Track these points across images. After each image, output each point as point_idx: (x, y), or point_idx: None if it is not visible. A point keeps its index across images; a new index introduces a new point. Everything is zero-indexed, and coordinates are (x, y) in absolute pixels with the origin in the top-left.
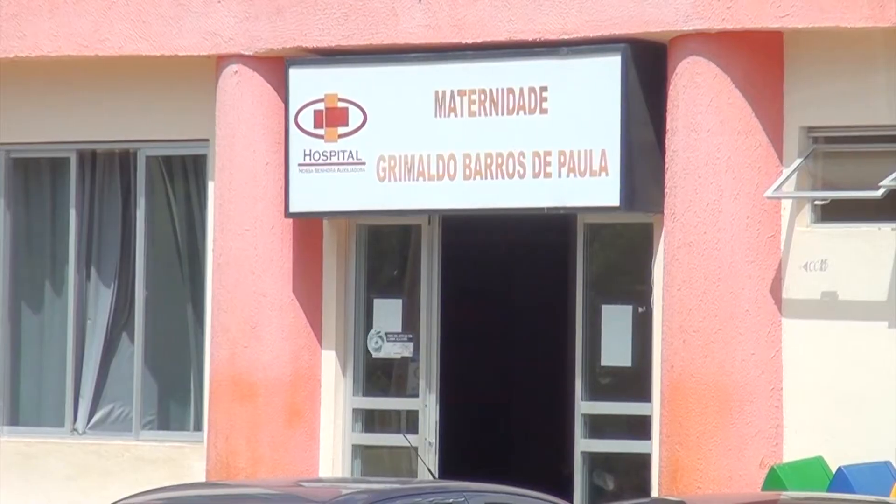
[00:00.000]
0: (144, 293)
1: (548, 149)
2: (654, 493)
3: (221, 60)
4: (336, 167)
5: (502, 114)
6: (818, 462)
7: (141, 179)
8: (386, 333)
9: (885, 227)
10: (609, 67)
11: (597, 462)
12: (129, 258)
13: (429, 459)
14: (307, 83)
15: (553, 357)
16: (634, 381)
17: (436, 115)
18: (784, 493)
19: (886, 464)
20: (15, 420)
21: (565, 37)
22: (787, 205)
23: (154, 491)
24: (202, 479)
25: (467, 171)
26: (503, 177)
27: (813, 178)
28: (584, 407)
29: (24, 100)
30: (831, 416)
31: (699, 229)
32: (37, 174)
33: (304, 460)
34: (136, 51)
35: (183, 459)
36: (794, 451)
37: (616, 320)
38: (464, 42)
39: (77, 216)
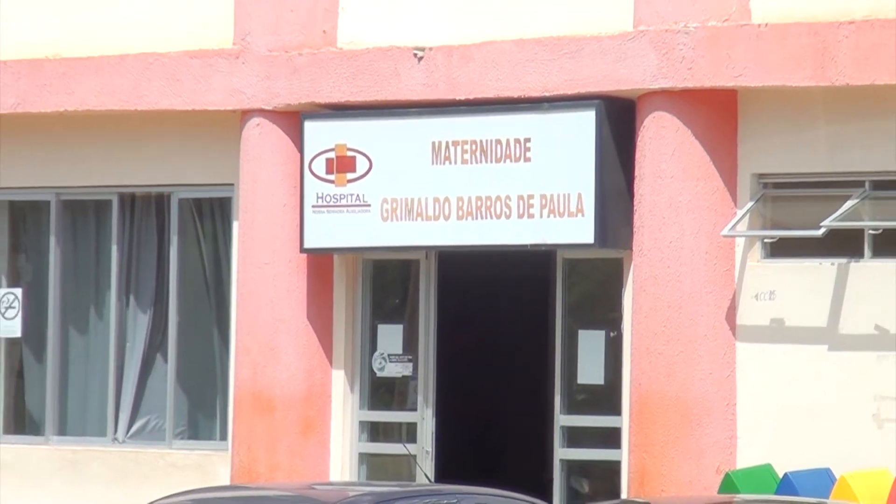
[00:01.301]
0: (177, 319)
1: (531, 192)
2: (624, 496)
3: (245, 114)
4: (345, 209)
5: (491, 162)
6: (767, 469)
7: (174, 219)
8: (388, 355)
9: (826, 263)
10: (585, 121)
11: (573, 468)
12: (163, 288)
13: (426, 466)
14: (320, 134)
15: (535, 376)
16: (607, 397)
17: (433, 163)
18: (737, 495)
19: (826, 470)
20: (63, 430)
21: (546, 94)
22: (740, 242)
23: (185, 493)
24: (227, 482)
25: (460, 213)
26: (492, 217)
27: (763, 218)
28: (562, 420)
29: (72, 148)
30: (779, 428)
31: (663, 264)
32: (83, 214)
33: (316, 466)
34: (170, 105)
35: (210, 466)
36: (746, 458)
37: (591, 343)
38: (457, 98)
39: (118, 251)
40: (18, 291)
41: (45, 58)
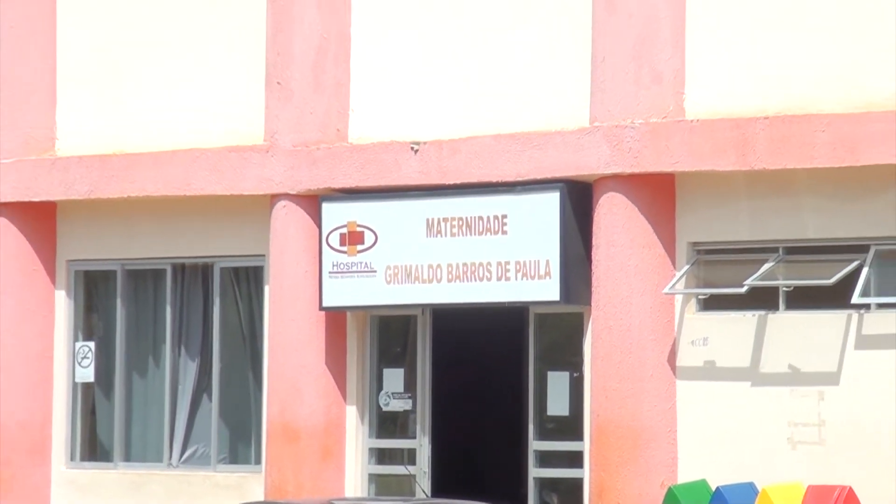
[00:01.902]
0: (219, 365)
1: (507, 259)
2: None
3: (274, 198)
4: (355, 274)
5: (474, 234)
6: (703, 483)
7: (216, 284)
8: (392, 393)
9: (748, 314)
10: (551, 201)
11: (545, 485)
12: (208, 340)
13: (424, 483)
14: (335, 214)
15: (512, 409)
16: (571, 426)
17: (427, 236)
18: None
19: (751, 484)
20: (128, 457)
21: (519, 179)
22: (678, 298)
23: None
24: (262, 499)
25: (450, 276)
26: (476, 280)
27: (697, 279)
28: (535, 445)
29: (134, 227)
30: (712, 450)
31: (616, 317)
32: (143, 281)
33: (334, 485)
34: (213, 191)
35: (247, 486)
36: (685, 475)
37: (557, 382)
38: (446, 183)
39: (171, 310)
40: (91, 344)
41: (112, 153)
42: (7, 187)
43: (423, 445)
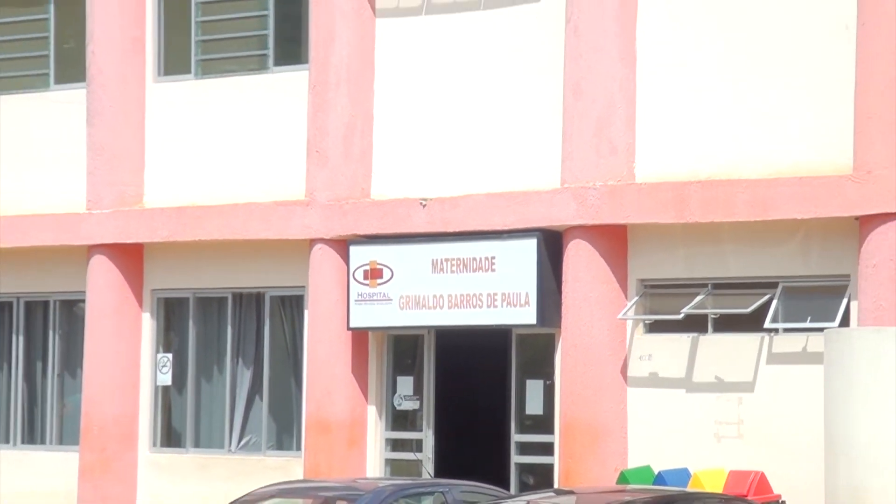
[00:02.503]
0: (269, 373)
1: (495, 291)
2: (556, 486)
3: (312, 242)
4: (376, 302)
5: (469, 272)
6: (647, 469)
7: (266, 309)
8: (404, 395)
9: (684, 336)
10: (530, 246)
11: (523, 468)
12: (260, 353)
13: (429, 467)
14: (360, 255)
15: (499, 408)
16: (544, 423)
17: (432, 272)
18: (628, 486)
19: (685, 469)
20: (197, 444)
21: (505, 228)
22: (630, 323)
23: (276, 484)
24: (301, 478)
25: (450, 304)
26: (470, 307)
27: (644, 307)
28: (515, 437)
29: (202, 263)
30: (655, 442)
31: (581, 337)
32: (210, 306)
33: (357, 468)
34: (265, 236)
35: (290, 468)
36: (633, 462)
37: (534, 388)
38: (448, 231)
39: (231, 330)
40: (169, 356)
41: (187, 206)
42: (105, 231)
43: (427, 437)
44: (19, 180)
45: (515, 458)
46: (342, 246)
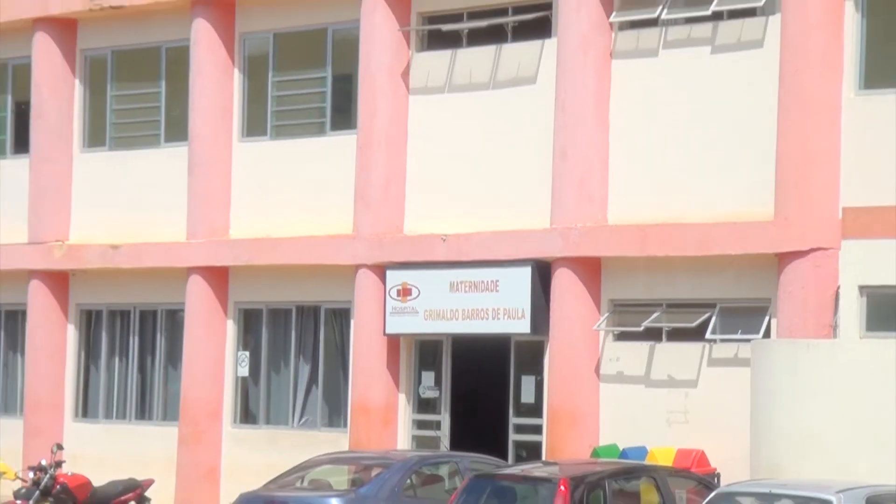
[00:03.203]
0: (323, 367)
1: (498, 307)
2: (543, 458)
3: (357, 267)
4: (406, 314)
5: (479, 292)
6: (614, 446)
7: (322, 319)
8: (427, 386)
9: (644, 344)
10: (525, 273)
11: (519, 445)
12: (316, 352)
13: (445, 442)
14: (394, 277)
15: (500, 398)
16: (535, 409)
17: (449, 292)
18: (599, 459)
19: (644, 447)
20: (268, 421)
21: (507, 259)
22: (602, 333)
23: (328, 454)
24: (346, 449)
25: (463, 316)
26: (479, 319)
27: (613, 321)
28: (513, 420)
29: (276, 284)
30: (620, 426)
31: (565, 343)
32: (279, 316)
33: (390, 443)
34: (322, 262)
35: (338, 441)
36: (604, 440)
37: (528, 382)
38: (462, 260)
39: (295, 334)
40: (247, 353)
41: (262, 237)
42: (200, 257)
43: (445, 419)
44: (136, 215)
45: (513, 437)
46: (380, 270)
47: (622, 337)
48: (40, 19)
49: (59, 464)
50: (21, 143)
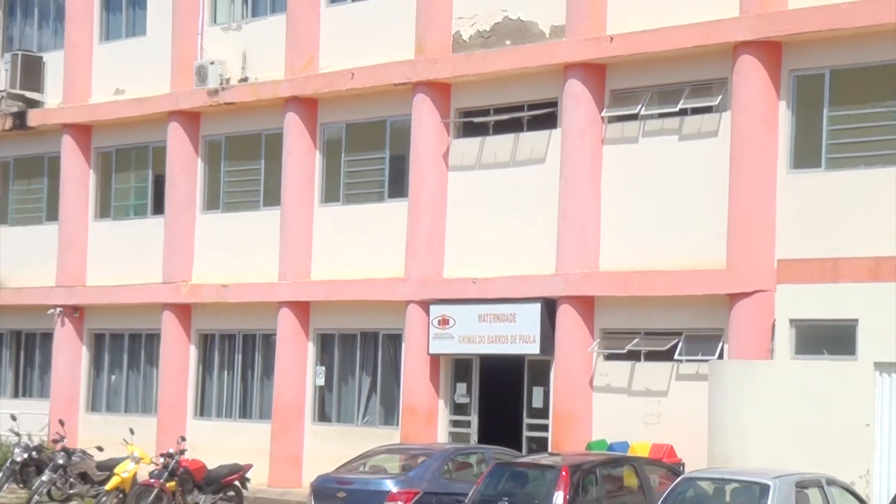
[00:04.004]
0: (380, 378)
1: (515, 334)
2: (549, 450)
3: (407, 303)
4: (445, 339)
5: (500, 322)
6: (603, 441)
7: (380, 343)
8: (460, 394)
9: (627, 363)
10: (536, 308)
11: (530, 440)
12: (376, 368)
13: (475, 437)
14: (436, 311)
15: (516, 403)
16: (543, 413)
17: (478, 322)
18: (592, 451)
19: (626, 442)
20: (339, 419)
21: (521, 297)
22: (594, 354)
23: (384, 446)
24: (398, 442)
25: (489, 341)
26: (500, 343)
27: (603, 346)
28: (526, 421)
29: (341, 313)
30: (608, 426)
31: (566, 362)
32: (349, 339)
33: (432, 437)
34: (379, 298)
35: (392, 436)
36: (595, 437)
37: (538, 392)
38: (488, 298)
39: (360, 353)
40: (323, 368)
41: (337, 279)
42: (287, 293)
43: (474, 420)
44: (241, 262)
45: (526, 434)
46: (425, 305)
47: (610, 357)
48: (173, 112)
49: (182, 452)
50: (158, 206)
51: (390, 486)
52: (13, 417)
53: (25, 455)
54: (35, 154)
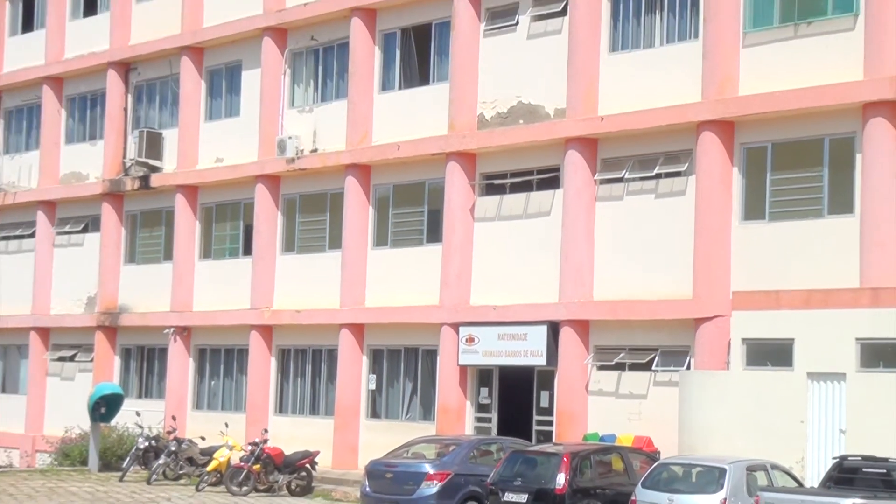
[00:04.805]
0: (420, 384)
1: (527, 350)
2: (553, 440)
3: (442, 325)
4: (471, 353)
5: (515, 340)
6: (596, 434)
7: (420, 356)
8: (483, 397)
9: (615, 373)
10: (542, 329)
11: (539, 433)
12: (416, 376)
13: (494, 431)
14: (464, 331)
15: (527, 404)
16: (549, 411)
17: (497, 340)
18: (587, 442)
19: (614, 434)
20: (387, 416)
21: (531, 320)
22: (589, 365)
23: (422, 437)
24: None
25: (506, 355)
26: (515, 356)
27: (596, 358)
28: (535, 417)
29: (384, 334)
30: (599, 422)
31: (568, 372)
32: (394, 354)
33: (461, 431)
34: (419, 321)
35: (429, 430)
36: (590, 430)
37: (545, 395)
38: (506, 321)
39: (404, 366)
40: (374, 375)
41: (385, 306)
42: (347, 317)
43: (494, 417)
44: (309, 293)
45: (535, 428)
46: (455, 327)
47: (601, 368)
48: (259, 176)
49: (265, 441)
50: (247, 249)
51: (428, 468)
52: (137, 414)
53: (146, 443)
54: (156, 208)
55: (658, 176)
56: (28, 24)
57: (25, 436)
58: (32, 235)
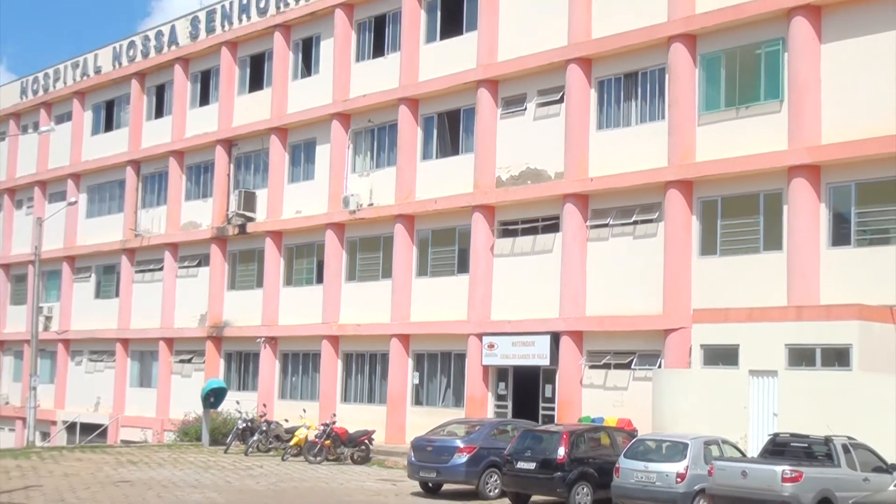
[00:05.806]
0: (452, 381)
1: (534, 353)
2: (555, 422)
3: (469, 335)
4: (492, 356)
5: (526, 347)
6: (588, 417)
7: (452, 359)
8: (500, 389)
9: (602, 370)
10: (546, 338)
11: (544, 417)
12: (450, 374)
13: (510, 415)
14: (486, 340)
15: (535, 394)
16: (552, 400)
17: (512, 346)
18: (582, 423)
19: (601, 417)
20: (427, 403)
21: (538, 331)
22: (584, 366)
23: (453, 420)
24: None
25: (519, 358)
26: (526, 359)
27: (588, 360)
28: (541, 405)
29: (425, 347)
30: (592, 408)
31: (566, 371)
32: (434, 357)
33: (484, 415)
34: (452, 332)
35: (460, 414)
36: (584, 414)
37: (548, 388)
38: (518, 332)
39: (440, 365)
40: (418, 373)
41: (426, 321)
42: (395, 330)
43: (509, 404)
44: (365, 311)
45: (541, 413)
46: (479, 336)
47: (592, 367)
48: (329, 224)
49: (334, 422)
50: (319, 278)
51: (459, 443)
52: (237, 402)
53: (244, 425)
54: (250, 248)
55: (635, 223)
56: (159, 112)
57: (156, 419)
58: (161, 269)
